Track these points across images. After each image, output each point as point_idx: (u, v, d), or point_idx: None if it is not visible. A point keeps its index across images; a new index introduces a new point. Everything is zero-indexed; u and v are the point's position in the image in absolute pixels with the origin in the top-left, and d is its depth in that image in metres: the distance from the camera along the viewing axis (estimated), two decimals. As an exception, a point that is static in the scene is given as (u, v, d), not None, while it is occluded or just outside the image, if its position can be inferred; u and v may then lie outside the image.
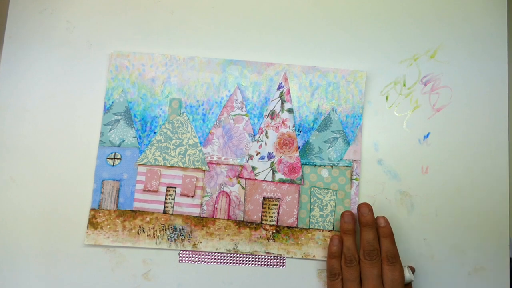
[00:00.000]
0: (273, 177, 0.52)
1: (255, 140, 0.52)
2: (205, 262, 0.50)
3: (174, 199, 0.51)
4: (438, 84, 0.53)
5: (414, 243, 0.51)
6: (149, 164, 0.51)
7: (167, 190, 0.51)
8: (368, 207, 0.49)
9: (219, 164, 0.52)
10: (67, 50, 0.53)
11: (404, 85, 0.53)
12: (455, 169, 0.52)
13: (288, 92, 0.53)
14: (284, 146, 0.52)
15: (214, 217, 0.51)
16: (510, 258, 0.52)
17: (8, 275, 0.49)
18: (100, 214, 0.50)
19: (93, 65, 0.53)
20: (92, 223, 0.50)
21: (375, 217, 0.49)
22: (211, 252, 0.50)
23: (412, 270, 0.49)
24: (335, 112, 0.52)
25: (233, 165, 0.52)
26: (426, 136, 0.53)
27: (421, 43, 0.54)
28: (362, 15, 0.55)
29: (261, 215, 0.51)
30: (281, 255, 0.50)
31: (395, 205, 0.52)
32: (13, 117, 0.52)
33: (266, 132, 0.52)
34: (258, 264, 0.50)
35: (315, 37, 0.54)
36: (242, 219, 0.51)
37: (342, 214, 0.50)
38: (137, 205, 0.51)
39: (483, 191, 0.52)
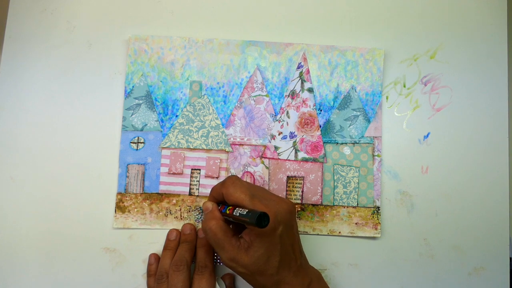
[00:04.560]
0: (296, 156, 0.52)
1: (277, 120, 0.53)
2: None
3: (199, 181, 0.51)
4: (438, 84, 0.54)
5: (414, 243, 0.52)
6: (173, 147, 0.51)
7: (191, 172, 0.51)
8: (190, 226, 0.49)
9: (242, 145, 0.52)
10: (67, 50, 0.52)
11: (404, 85, 0.54)
12: (455, 169, 0.53)
13: (308, 71, 0.53)
14: (305, 125, 0.53)
15: (240, 197, 0.51)
16: (510, 258, 0.52)
17: (8, 275, 0.49)
18: (127, 198, 0.50)
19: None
20: (120, 207, 0.50)
21: (198, 229, 0.49)
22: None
23: (228, 280, 0.49)
24: (355, 90, 0.53)
25: (256, 145, 0.52)
26: (426, 136, 0.53)
27: (421, 43, 0.54)
28: (361, 15, 0.55)
29: (286, 194, 0.52)
30: (307, 232, 0.51)
31: (395, 205, 0.52)
32: (13, 117, 0.51)
33: (287, 112, 0.53)
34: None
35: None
36: (267, 199, 0.51)
37: (169, 232, 0.50)
38: (162, 188, 0.51)
39: (483, 191, 0.52)
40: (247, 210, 0.39)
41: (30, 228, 0.50)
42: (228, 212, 0.42)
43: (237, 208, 0.41)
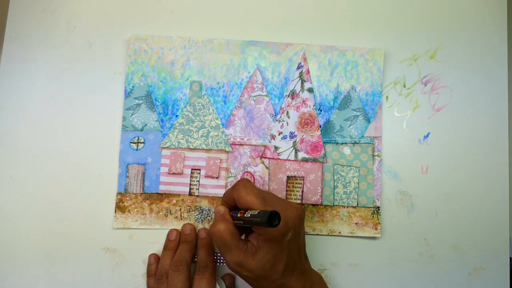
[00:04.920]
0: (296, 156, 0.52)
1: (277, 120, 0.53)
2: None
3: (199, 181, 0.51)
4: (438, 84, 0.54)
5: (414, 243, 0.52)
6: (173, 147, 0.51)
7: (191, 172, 0.51)
8: (190, 226, 0.49)
9: (242, 145, 0.52)
10: (67, 50, 0.52)
11: (404, 85, 0.54)
12: (455, 169, 0.53)
13: (308, 71, 0.53)
14: (305, 125, 0.53)
15: (240, 197, 0.51)
16: (510, 258, 0.52)
17: (8, 275, 0.49)
18: (127, 198, 0.50)
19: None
20: (120, 207, 0.50)
21: (198, 229, 0.50)
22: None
23: (228, 280, 0.49)
24: (355, 90, 0.53)
25: (256, 145, 0.52)
26: (426, 136, 0.53)
27: (421, 43, 0.54)
28: (361, 15, 0.55)
29: (286, 194, 0.52)
30: (307, 232, 0.51)
31: (395, 205, 0.52)
32: (13, 117, 0.51)
33: (287, 112, 0.53)
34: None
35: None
36: (267, 199, 0.51)
37: (169, 232, 0.50)
38: (162, 188, 0.51)
39: (483, 191, 0.52)
40: (258, 211, 0.39)
41: (30, 228, 0.50)
42: (239, 215, 0.42)
43: (248, 211, 0.41)
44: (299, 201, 0.52)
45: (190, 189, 0.51)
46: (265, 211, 0.38)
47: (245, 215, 0.40)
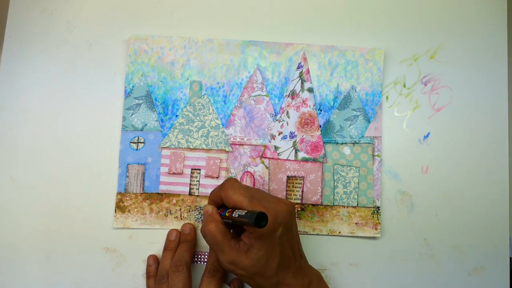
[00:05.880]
0: (296, 156, 0.52)
1: (277, 120, 0.53)
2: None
3: (199, 181, 0.51)
4: (438, 84, 0.54)
5: (414, 243, 0.52)
6: (173, 147, 0.51)
7: (191, 172, 0.51)
8: (190, 226, 0.49)
9: (242, 144, 0.52)
10: (67, 50, 0.53)
11: (404, 85, 0.54)
12: (455, 169, 0.53)
13: (308, 71, 0.53)
14: (305, 125, 0.53)
15: (240, 197, 0.51)
16: (510, 258, 0.52)
17: (8, 275, 0.49)
18: (127, 198, 0.50)
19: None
20: (120, 207, 0.50)
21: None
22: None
23: (236, 285, 0.49)
24: (355, 90, 0.53)
25: (256, 145, 0.52)
26: (426, 136, 0.53)
27: (421, 43, 0.54)
28: (361, 15, 0.55)
29: (286, 194, 0.52)
30: (307, 232, 0.51)
31: (395, 205, 0.52)
32: (13, 117, 0.51)
33: (287, 112, 0.53)
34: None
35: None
36: (267, 199, 0.51)
37: (169, 233, 0.50)
38: (163, 188, 0.51)
39: (483, 191, 0.52)
40: (245, 211, 0.40)
41: (30, 228, 0.50)
42: (227, 214, 0.42)
43: (236, 210, 0.41)
44: (299, 201, 0.52)
45: (190, 189, 0.51)
46: (253, 212, 0.38)
47: (233, 215, 0.41)
